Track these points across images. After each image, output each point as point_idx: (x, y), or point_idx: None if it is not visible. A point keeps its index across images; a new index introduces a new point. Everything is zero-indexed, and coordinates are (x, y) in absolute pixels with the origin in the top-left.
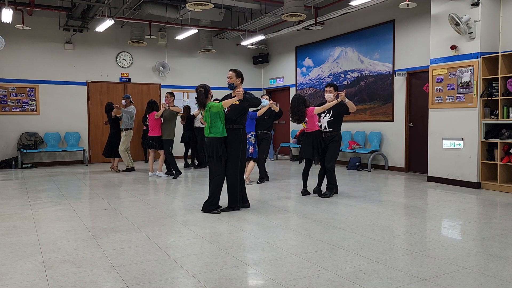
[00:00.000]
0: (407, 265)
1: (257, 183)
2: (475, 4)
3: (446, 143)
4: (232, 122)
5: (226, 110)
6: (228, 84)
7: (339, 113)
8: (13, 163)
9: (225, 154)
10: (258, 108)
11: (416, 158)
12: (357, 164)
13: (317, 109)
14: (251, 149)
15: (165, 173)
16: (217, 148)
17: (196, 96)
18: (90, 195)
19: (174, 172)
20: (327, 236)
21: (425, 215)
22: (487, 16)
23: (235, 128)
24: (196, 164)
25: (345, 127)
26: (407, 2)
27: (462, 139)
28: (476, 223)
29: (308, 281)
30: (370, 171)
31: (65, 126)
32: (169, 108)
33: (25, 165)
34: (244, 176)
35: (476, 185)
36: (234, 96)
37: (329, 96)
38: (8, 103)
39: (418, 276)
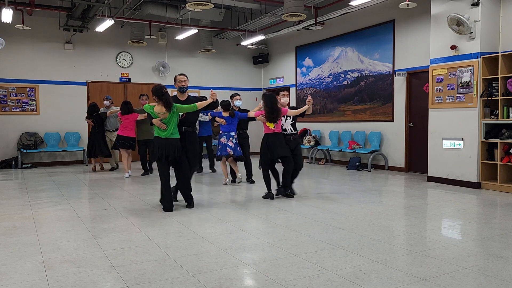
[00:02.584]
0: (407, 265)
1: (238, 182)
2: (475, 4)
3: (446, 143)
4: (191, 125)
5: (183, 114)
6: (182, 87)
7: (296, 116)
8: (13, 163)
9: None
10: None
11: (416, 158)
12: (357, 164)
13: (292, 112)
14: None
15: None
16: (179, 149)
17: (162, 97)
18: (90, 195)
19: (147, 169)
20: (327, 236)
21: (425, 215)
22: (487, 16)
23: (193, 130)
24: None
25: (345, 127)
26: (407, 2)
27: (462, 139)
28: (476, 223)
29: (308, 281)
30: (370, 171)
31: (65, 126)
32: None
33: (25, 165)
34: (239, 174)
35: (476, 185)
36: (188, 100)
37: (286, 100)
38: (8, 103)
39: (418, 276)
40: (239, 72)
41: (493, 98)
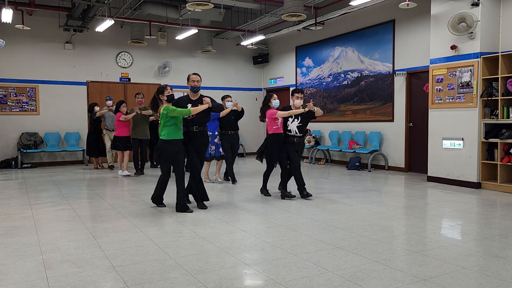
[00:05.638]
0: (407, 265)
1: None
2: (475, 4)
3: (446, 143)
4: (203, 125)
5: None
6: (194, 87)
7: (307, 119)
8: (13, 163)
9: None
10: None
11: (416, 158)
12: (357, 164)
13: (281, 114)
14: (212, 149)
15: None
16: (159, 151)
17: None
18: (90, 195)
19: (138, 169)
20: (327, 236)
21: (425, 215)
22: (487, 16)
23: (204, 130)
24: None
25: (345, 127)
26: (407, 2)
27: (462, 139)
28: (476, 223)
29: (308, 281)
30: (370, 171)
31: (65, 126)
32: (141, 113)
33: (25, 165)
34: (216, 175)
35: (476, 185)
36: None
37: (299, 102)
38: (8, 103)
39: (418, 276)
40: (239, 72)
41: (493, 98)
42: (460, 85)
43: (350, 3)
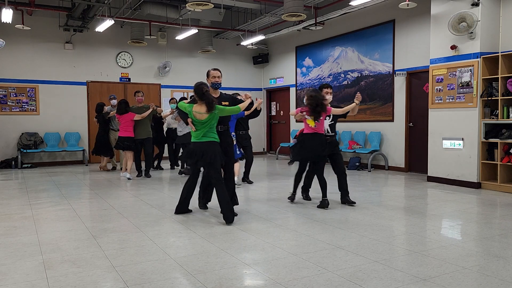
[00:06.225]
0: (407, 265)
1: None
2: (475, 4)
3: (446, 143)
4: (227, 124)
5: None
6: (216, 83)
7: (338, 116)
8: (13, 163)
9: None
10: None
11: (416, 158)
12: (357, 164)
13: (337, 111)
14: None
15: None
16: (208, 154)
17: (203, 97)
18: (90, 195)
19: (140, 171)
20: (327, 236)
21: (425, 215)
22: (487, 16)
23: (228, 129)
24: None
25: (345, 127)
26: (407, 2)
27: (462, 139)
28: (476, 223)
29: (308, 281)
30: (370, 171)
31: (65, 126)
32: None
33: (25, 165)
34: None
35: (476, 185)
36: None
37: (329, 98)
38: (8, 103)
39: (418, 276)
40: (239, 72)
41: (493, 98)
42: (460, 85)
43: (350, 3)
